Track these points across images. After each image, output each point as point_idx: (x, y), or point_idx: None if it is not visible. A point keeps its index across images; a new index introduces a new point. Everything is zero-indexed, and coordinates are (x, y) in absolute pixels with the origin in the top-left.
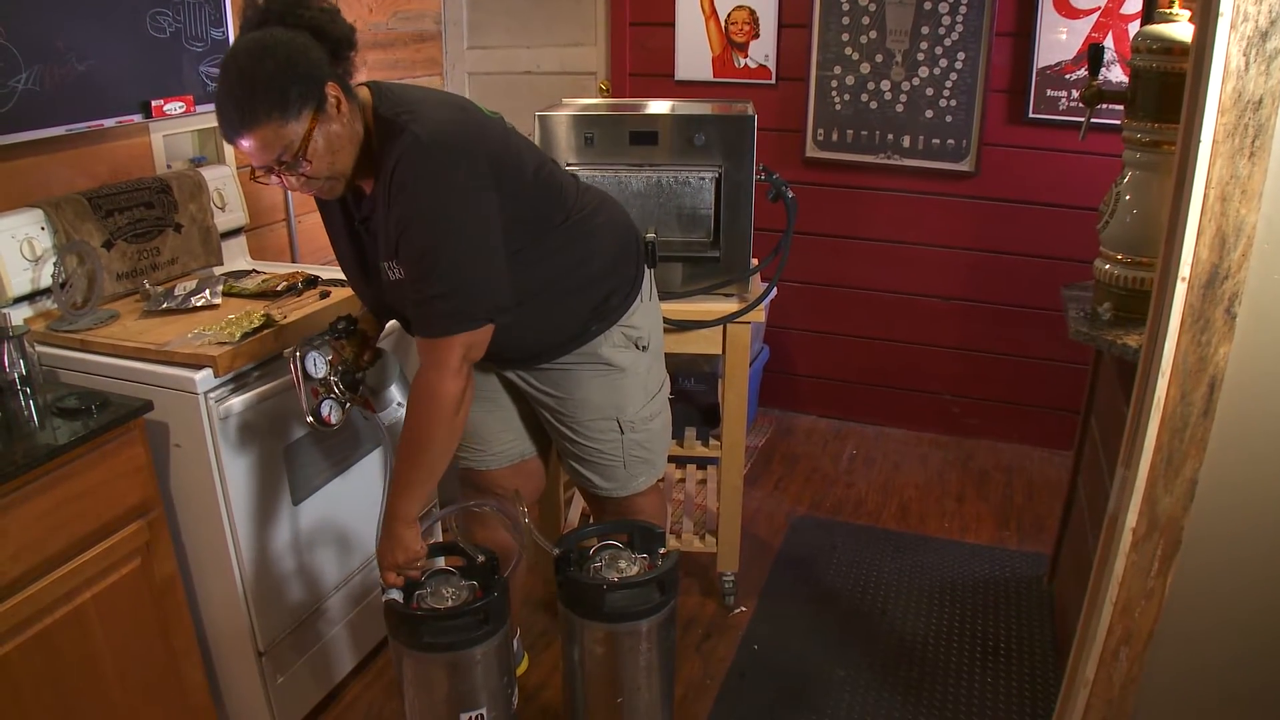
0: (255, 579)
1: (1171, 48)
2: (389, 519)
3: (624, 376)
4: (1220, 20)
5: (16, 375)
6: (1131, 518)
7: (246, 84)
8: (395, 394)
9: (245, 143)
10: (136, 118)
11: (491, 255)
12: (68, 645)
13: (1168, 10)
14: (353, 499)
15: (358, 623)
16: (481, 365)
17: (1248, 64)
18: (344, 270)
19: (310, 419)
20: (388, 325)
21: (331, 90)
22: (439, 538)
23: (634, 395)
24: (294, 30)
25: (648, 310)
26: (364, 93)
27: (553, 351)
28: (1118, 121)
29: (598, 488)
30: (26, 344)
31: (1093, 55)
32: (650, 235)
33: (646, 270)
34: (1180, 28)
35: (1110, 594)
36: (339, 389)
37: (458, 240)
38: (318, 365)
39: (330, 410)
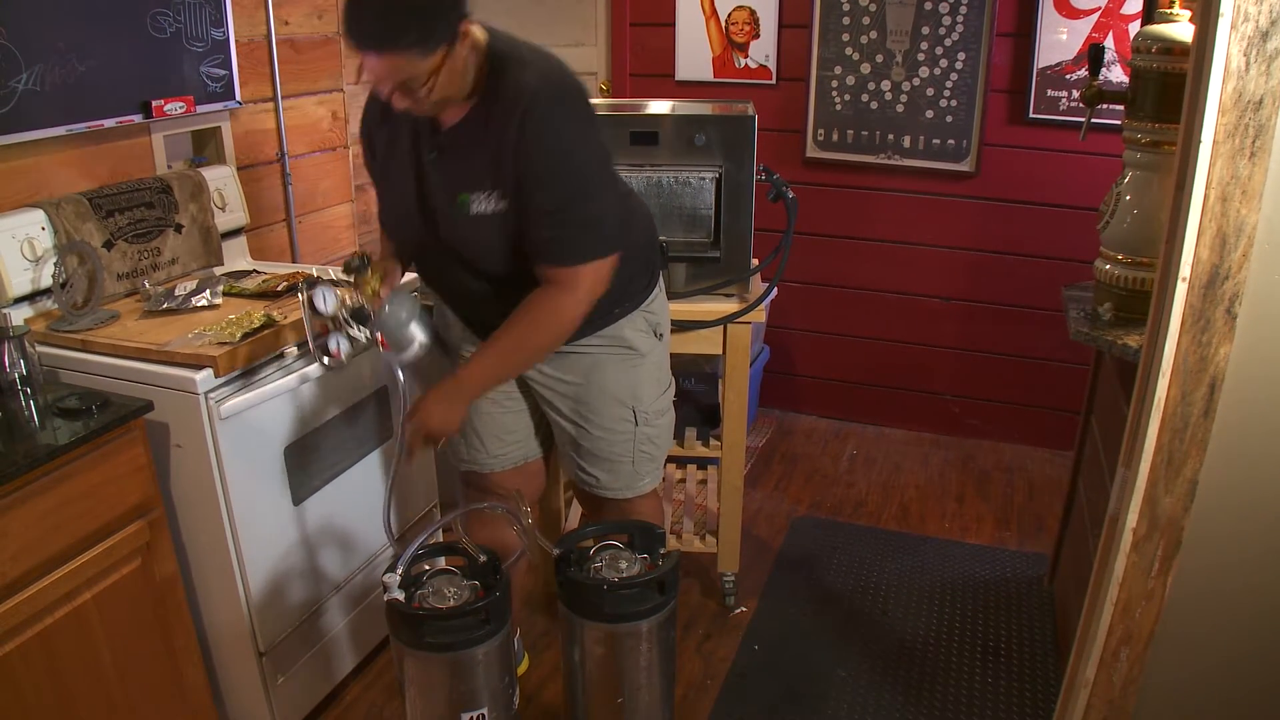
0: (256, 579)
1: (1172, 48)
2: (453, 389)
3: (643, 362)
4: (1221, 20)
5: (17, 375)
6: (1132, 518)
7: (397, 8)
8: (416, 332)
9: (374, 61)
10: (137, 118)
11: (616, 191)
12: (68, 646)
13: (1168, 10)
14: (353, 499)
15: (358, 623)
16: None
17: (1248, 64)
18: (389, 208)
19: (316, 353)
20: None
21: (464, 27)
22: (439, 538)
23: (649, 384)
24: None
25: (663, 301)
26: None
27: (578, 332)
28: (1118, 122)
29: (603, 487)
30: (27, 344)
31: (1093, 55)
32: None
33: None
34: (1181, 28)
35: (1111, 594)
36: (350, 324)
37: (596, 174)
38: (327, 300)
39: (338, 345)
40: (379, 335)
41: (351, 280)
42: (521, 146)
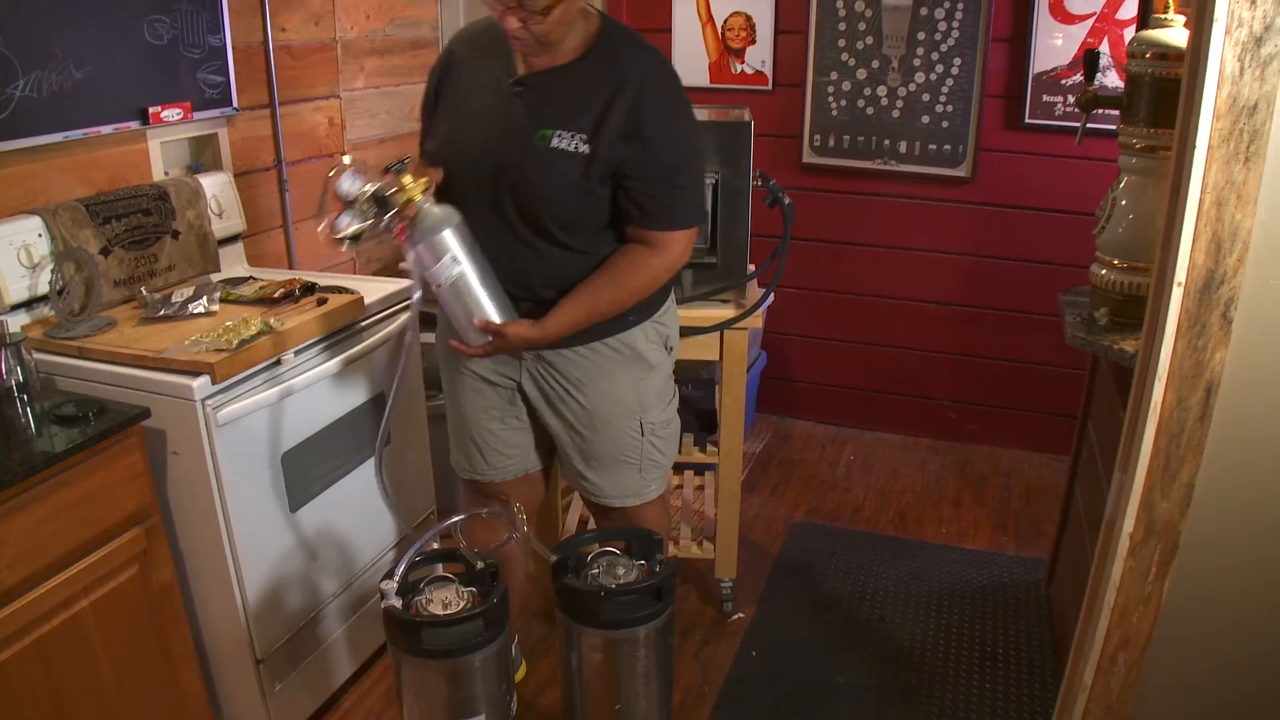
0: (253, 586)
1: (1167, 53)
2: (537, 329)
3: (651, 374)
4: (1215, 26)
5: (14, 382)
6: (1129, 523)
7: None
8: (451, 243)
9: None
10: (134, 124)
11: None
12: (65, 653)
13: (1163, 16)
14: (350, 506)
15: (356, 629)
16: (508, 368)
17: (1242, 69)
18: (452, 143)
19: (324, 227)
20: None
21: None
22: (435, 545)
23: (656, 396)
24: None
25: (674, 314)
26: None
27: (592, 332)
28: (1114, 127)
29: (609, 495)
30: (24, 351)
31: (1088, 61)
32: None
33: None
34: (1175, 33)
35: (1108, 599)
36: (368, 204)
37: (699, 150)
38: (352, 182)
39: (350, 221)
40: (399, 226)
41: (392, 176)
42: (643, 113)
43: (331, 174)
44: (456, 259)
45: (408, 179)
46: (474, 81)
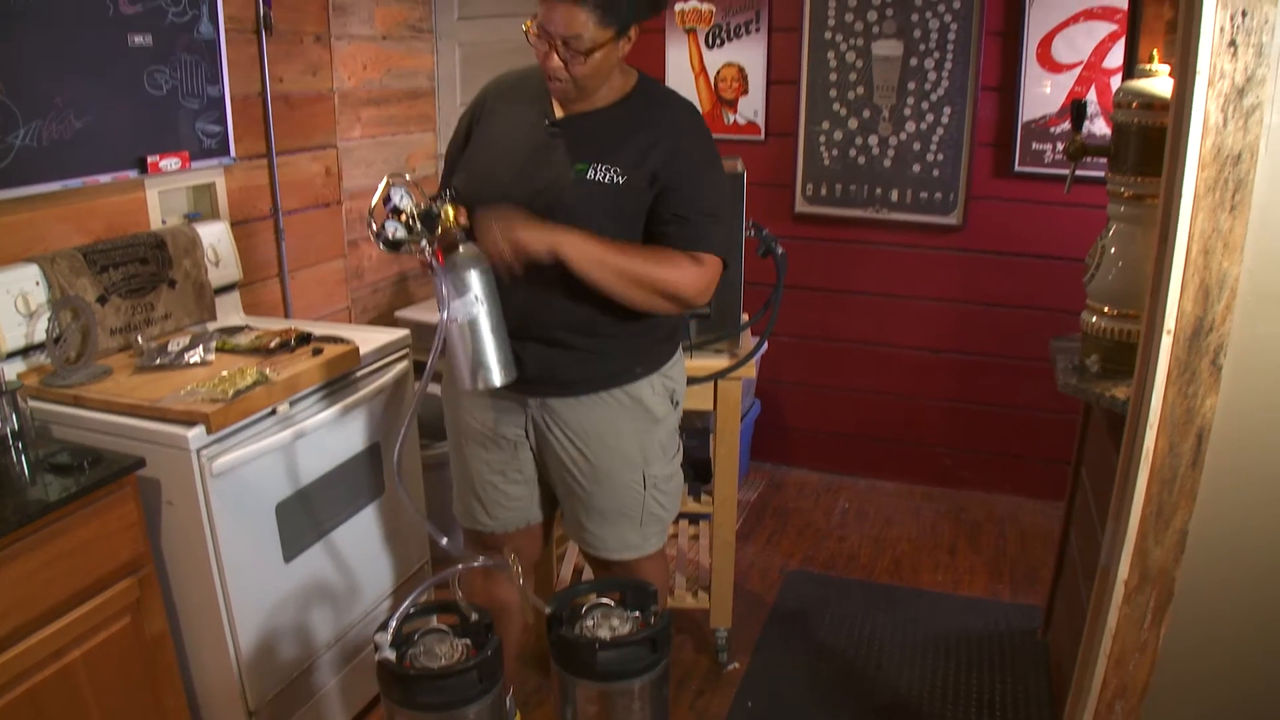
0: (246, 637)
1: (1152, 103)
2: (553, 228)
3: (657, 428)
4: (1198, 77)
5: (9, 430)
6: (1123, 570)
7: None
8: (475, 283)
9: (556, 4)
10: (132, 173)
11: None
12: (56, 704)
13: (1148, 66)
14: (344, 556)
15: (349, 681)
16: (513, 421)
17: (1226, 120)
18: (483, 178)
19: (372, 231)
20: None
21: (634, 33)
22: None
23: (660, 450)
24: None
25: (682, 368)
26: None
27: (599, 381)
28: (1103, 173)
29: (609, 549)
30: (19, 399)
31: (1075, 111)
32: None
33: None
34: (1161, 83)
35: (1104, 647)
36: (415, 222)
37: (729, 196)
38: (403, 199)
39: (395, 230)
40: (438, 249)
41: (437, 200)
42: (677, 153)
43: (386, 183)
44: (479, 298)
45: (450, 210)
46: (507, 122)
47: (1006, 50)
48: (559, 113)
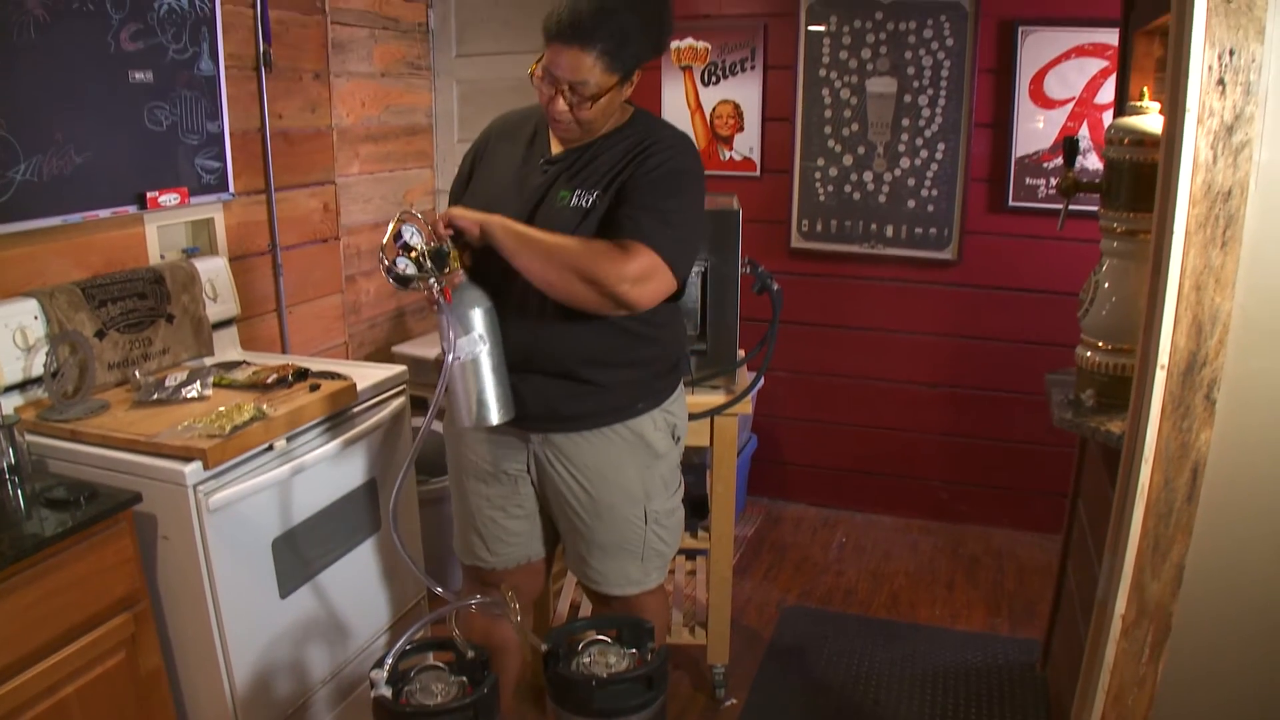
0: (241, 673)
1: (1144, 139)
2: (484, 215)
3: (658, 462)
4: (1187, 115)
5: (5, 464)
6: (1120, 604)
7: (604, 15)
8: (478, 322)
9: (561, 52)
10: (132, 209)
11: (695, 250)
12: None
13: (1139, 103)
14: (340, 592)
15: (345, 718)
16: (514, 457)
17: (1215, 157)
18: (482, 205)
19: (385, 264)
20: None
21: (637, 76)
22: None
23: (661, 485)
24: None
25: (683, 404)
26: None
27: (600, 416)
28: (1096, 208)
29: (610, 584)
30: (16, 433)
31: (1067, 148)
32: None
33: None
34: (1151, 120)
35: (1102, 682)
36: (425, 259)
37: (696, 217)
38: (414, 236)
39: (406, 266)
40: (446, 288)
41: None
42: (651, 158)
43: (398, 218)
44: (483, 337)
45: (456, 252)
46: (507, 161)
47: (999, 86)
48: (555, 149)
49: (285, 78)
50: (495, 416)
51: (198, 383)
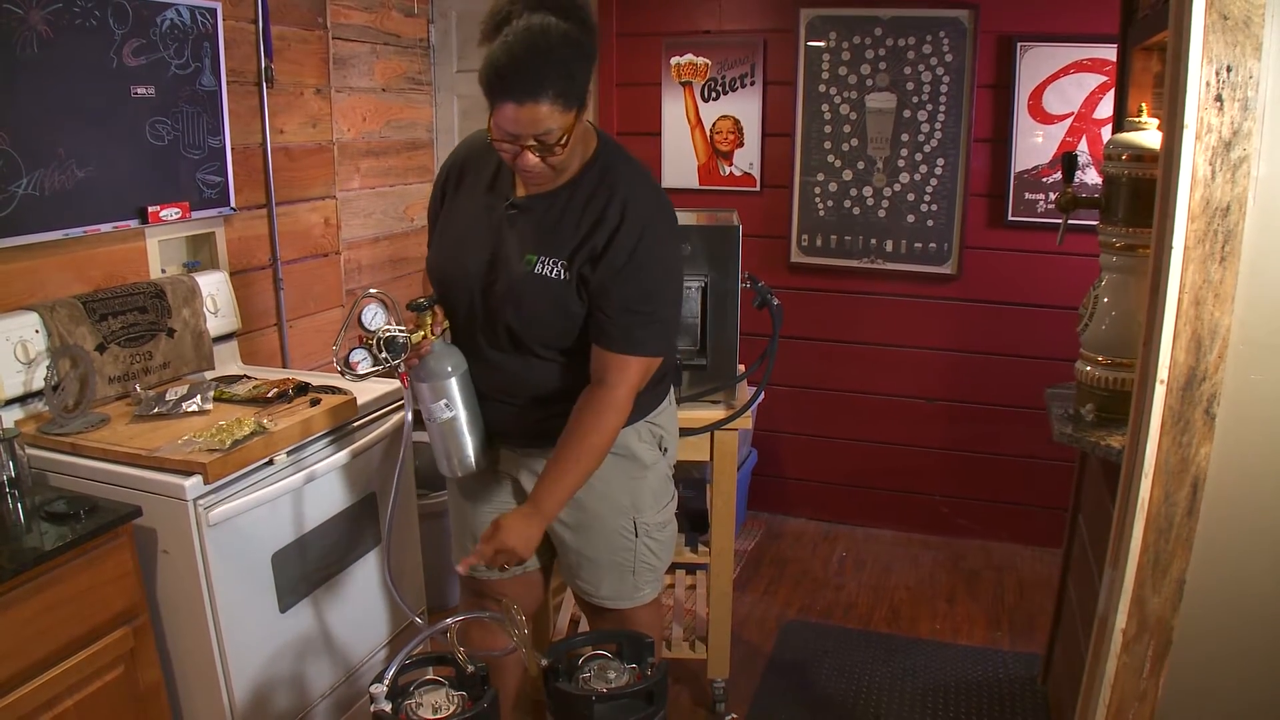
0: (240, 687)
1: (1142, 155)
2: (534, 514)
3: (646, 474)
4: (1186, 132)
5: (6, 478)
6: (1121, 619)
7: (541, 59)
8: (452, 389)
9: (515, 111)
10: (133, 223)
11: (680, 306)
12: None
13: (1137, 119)
14: (339, 607)
15: None
16: (507, 465)
17: (1214, 173)
18: (448, 256)
19: (338, 359)
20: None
21: (587, 98)
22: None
23: (650, 496)
24: (578, 27)
25: (671, 415)
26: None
27: None
28: (1095, 223)
29: (603, 597)
30: (17, 446)
31: (1066, 164)
32: None
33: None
34: (1150, 135)
35: (1103, 696)
36: (380, 346)
37: (677, 287)
38: (375, 318)
39: (361, 360)
40: (403, 371)
41: (412, 315)
42: (620, 237)
43: (359, 303)
44: (451, 405)
45: (427, 319)
46: (472, 200)
47: (998, 102)
48: (520, 191)
49: (287, 93)
50: (473, 467)
51: (198, 397)
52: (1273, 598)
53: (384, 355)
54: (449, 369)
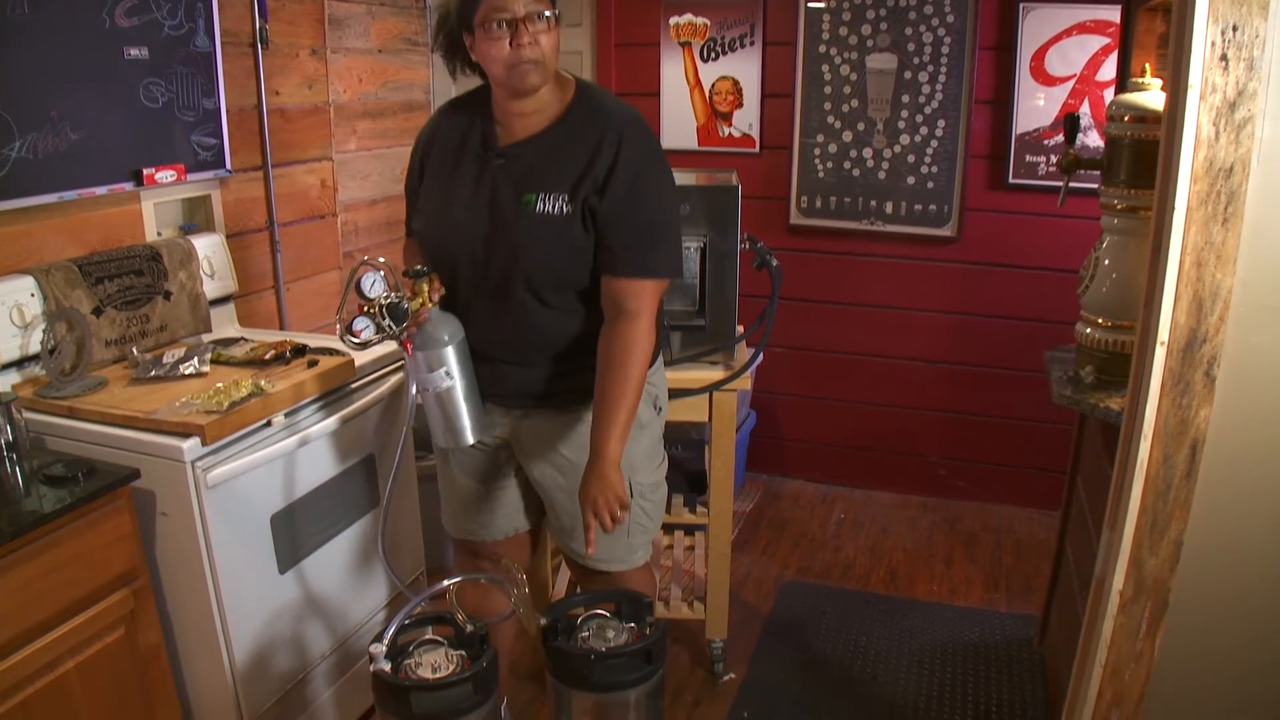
0: (240, 648)
1: (1145, 116)
2: (601, 462)
3: (641, 434)
4: (1190, 92)
5: (3, 442)
6: (1118, 580)
7: None
8: (450, 358)
9: None
10: (128, 186)
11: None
12: (50, 716)
13: (1140, 80)
14: (339, 567)
15: (343, 692)
16: (498, 427)
17: (1218, 133)
18: (438, 217)
19: (340, 328)
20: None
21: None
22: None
23: (644, 458)
24: None
25: (663, 376)
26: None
27: (579, 393)
28: (1096, 185)
29: (597, 560)
30: (14, 411)
31: (1068, 125)
32: None
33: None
34: (1153, 96)
35: (1099, 657)
36: (383, 315)
37: (675, 203)
38: (374, 286)
39: (364, 328)
40: (405, 340)
41: (408, 281)
42: (620, 165)
43: (357, 271)
44: (450, 374)
45: (424, 287)
46: (455, 156)
47: (1000, 64)
48: (502, 139)
49: (282, 54)
50: (470, 438)
51: (195, 359)
52: (1270, 559)
53: (387, 322)
54: (446, 337)
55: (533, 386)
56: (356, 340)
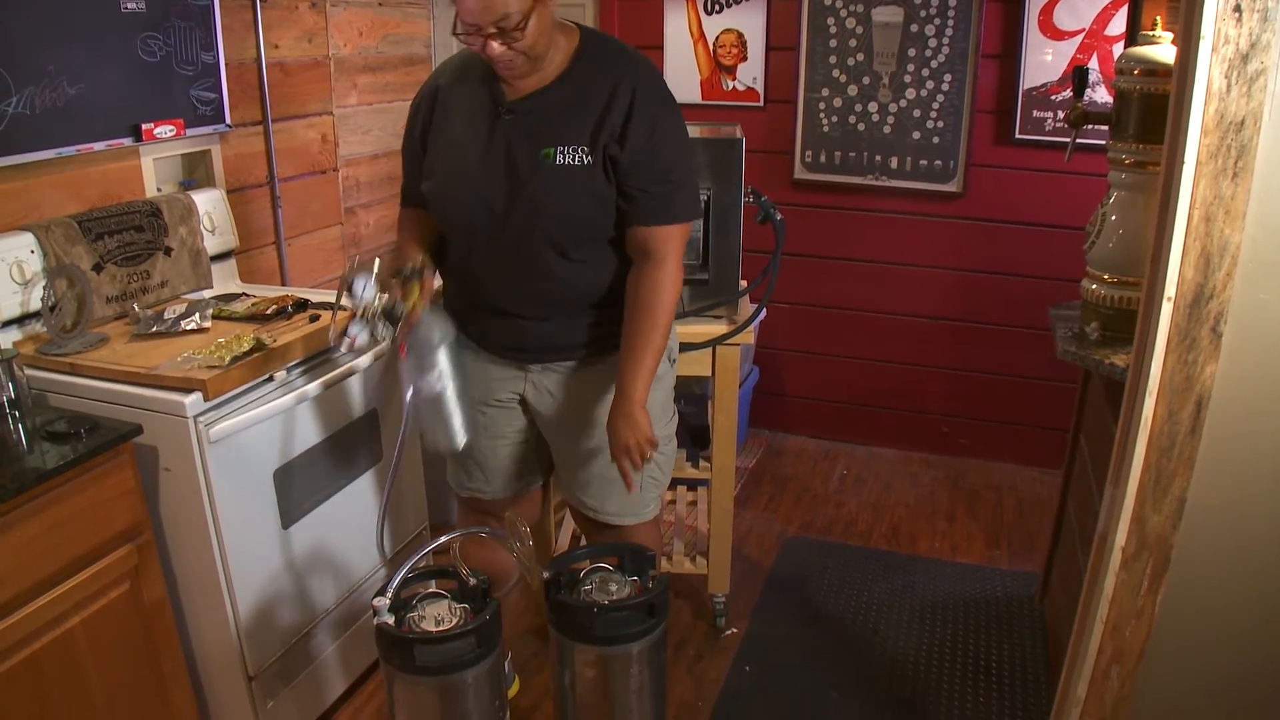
0: (245, 603)
1: (1155, 69)
2: (628, 404)
3: (656, 387)
4: (1202, 43)
5: (5, 399)
6: (1120, 536)
7: None
8: (443, 360)
9: (471, 2)
10: (127, 141)
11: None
12: (55, 671)
13: (1151, 33)
14: (343, 522)
15: (348, 646)
16: (512, 383)
17: (1229, 86)
18: (446, 181)
19: (333, 334)
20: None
21: None
22: (429, 561)
23: (658, 409)
24: None
25: (674, 329)
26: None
27: (595, 344)
28: (1104, 142)
29: (610, 514)
30: (15, 367)
31: (1077, 78)
32: None
33: None
34: (1163, 50)
35: (1100, 613)
36: (377, 320)
37: (687, 146)
38: (365, 290)
39: (359, 333)
40: (401, 343)
41: (399, 282)
42: (637, 112)
43: (346, 271)
44: (443, 376)
45: (416, 288)
46: (463, 115)
47: (1008, 17)
48: (510, 94)
49: (281, 7)
50: (460, 441)
51: (196, 315)
52: (1274, 517)
53: (384, 327)
54: (438, 338)
55: (553, 340)
56: (355, 346)
